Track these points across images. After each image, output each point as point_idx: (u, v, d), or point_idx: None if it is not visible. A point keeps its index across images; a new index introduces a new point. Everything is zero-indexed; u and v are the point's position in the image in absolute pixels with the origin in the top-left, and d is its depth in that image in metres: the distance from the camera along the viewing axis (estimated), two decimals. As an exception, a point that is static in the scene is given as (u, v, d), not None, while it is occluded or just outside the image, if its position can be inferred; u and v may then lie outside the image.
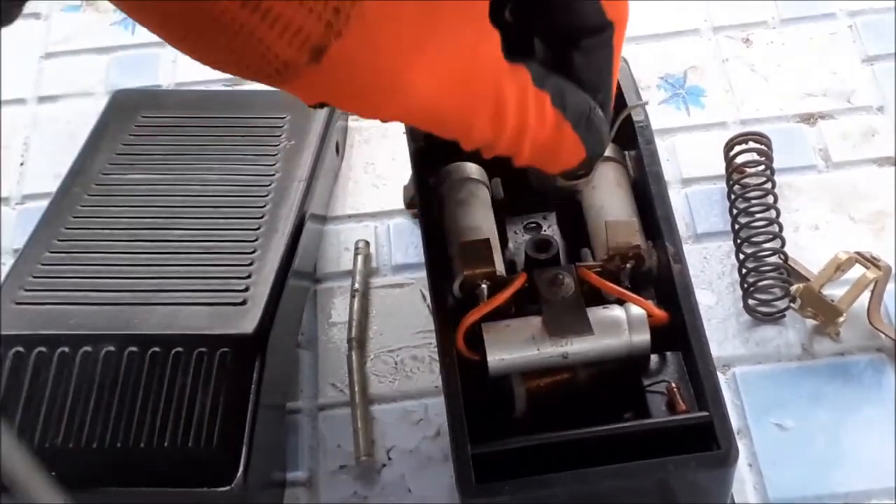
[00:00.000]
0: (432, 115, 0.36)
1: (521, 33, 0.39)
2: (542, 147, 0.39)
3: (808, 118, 0.59)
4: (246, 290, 0.47)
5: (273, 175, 0.52)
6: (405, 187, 0.56)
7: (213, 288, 0.47)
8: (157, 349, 0.45)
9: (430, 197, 0.47)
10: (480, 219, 0.46)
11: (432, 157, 0.48)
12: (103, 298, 0.47)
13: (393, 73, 0.34)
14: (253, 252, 0.49)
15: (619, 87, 0.48)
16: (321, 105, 0.36)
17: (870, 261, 0.50)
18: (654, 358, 0.44)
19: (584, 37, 0.39)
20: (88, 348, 0.45)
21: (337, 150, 0.58)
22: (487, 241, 0.44)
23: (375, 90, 0.34)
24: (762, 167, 0.55)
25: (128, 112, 0.57)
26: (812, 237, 0.55)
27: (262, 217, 0.50)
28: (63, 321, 0.46)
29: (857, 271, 0.50)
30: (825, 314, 0.50)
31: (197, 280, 0.48)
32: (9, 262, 0.55)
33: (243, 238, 0.49)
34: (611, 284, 0.43)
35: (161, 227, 0.50)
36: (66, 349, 0.45)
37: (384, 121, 0.37)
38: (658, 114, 0.60)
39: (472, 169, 0.47)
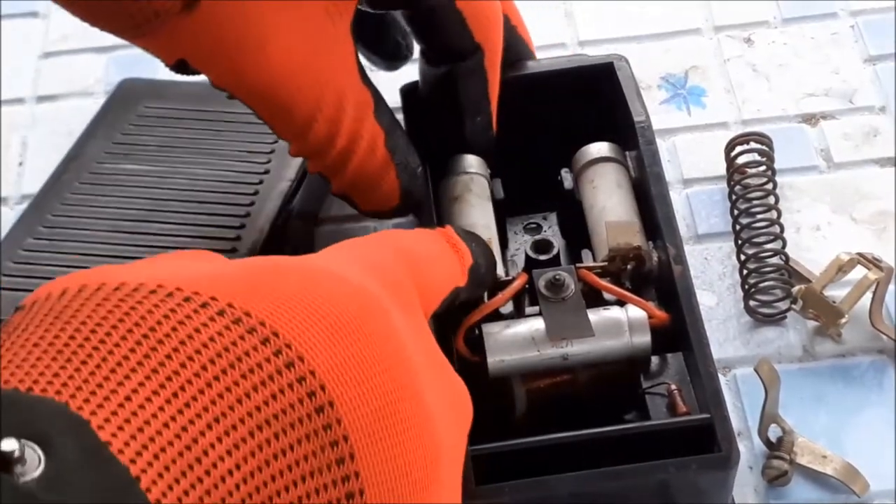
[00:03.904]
0: (280, 93, 0.37)
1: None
2: (364, 177, 0.41)
3: (810, 118, 0.59)
4: None
5: (263, 173, 0.52)
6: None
7: None
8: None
9: (427, 196, 0.47)
10: (478, 216, 0.46)
11: (431, 156, 0.47)
12: None
13: (254, 38, 0.36)
14: (233, 251, 0.49)
15: (620, 89, 0.48)
16: (181, 66, 0.38)
17: (872, 262, 0.49)
18: (654, 359, 0.44)
19: (455, 60, 0.43)
20: None
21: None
22: (488, 241, 0.44)
23: (236, 51, 0.36)
24: (763, 168, 0.55)
25: (131, 102, 0.57)
26: (814, 238, 0.54)
27: (246, 215, 0.50)
28: None
29: (858, 272, 0.50)
30: (827, 315, 0.50)
31: None
32: (7, 262, 0.55)
33: (224, 235, 0.49)
34: (611, 286, 0.43)
35: (145, 219, 0.50)
36: None
37: (235, 92, 0.38)
38: (659, 114, 0.59)
39: (473, 162, 0.47)
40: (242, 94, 0.38)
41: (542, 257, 0.46)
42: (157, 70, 0.65)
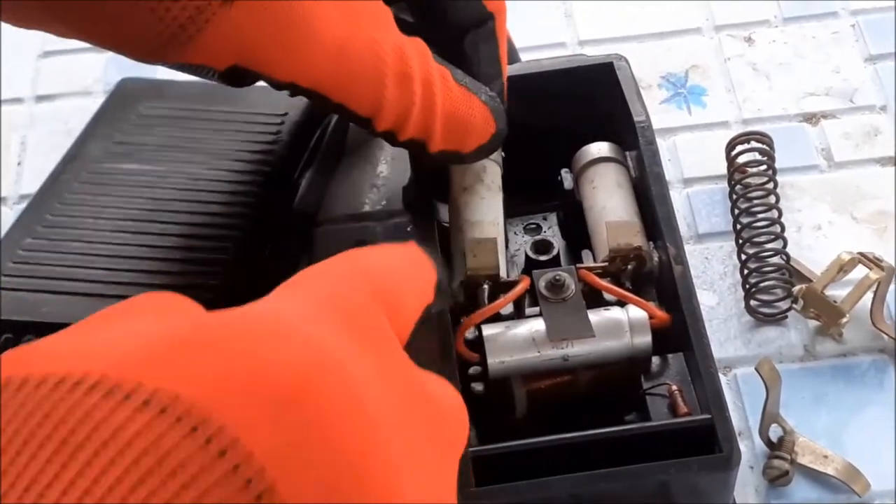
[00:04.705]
0: (344, 71, 0.36)
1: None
2: (454, 117, 0.40)
3: (811, 118, 0.59)
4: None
5: (264, 173, 0.52)
6: (405, 188, 0.56)
7: (190, 284, 0.47)
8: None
9: (427, 198, 0.47)
10: (486, 211, 0.45)
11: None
12: (78, 288, 0.46)
13: (304, 15, 0.35)
14: (233, 252, 0.48)
15: (620, 89, 0.48)
16: (234, 74, 0.36)
17: (872, 261, 0.49)
18: (655, 360, 0.44)
19: (468, 31, 0.41)
20: None
21: (335, 150, 0.58)
22: (494, 240, 0.44)
23: (288, 34, 0.35)
24: (764, 167, 0.55)
25: (130, 102, 0.56)
26: (814, 237, 0.54)
27: (246, 215, 0.50)
28: (34, 309, 0.45)
29: (859, 272, 0.50)
30: (828, 315, 0.50)
31: (175, 275, 0.47)
32: (6, 262, 0.55)
33: (223, 234, 0.49)
34: (612, 286, 0.43)
35: (145, 219, 0.50)
36: (32, 338, 0.44)
37: (298, 84, 0.36)
38: (659, 113, 0.59)
39: None
40: (306, 79, 0.36)
41: (543, 258, 0.46)
42: (156, 70, 0.65)
